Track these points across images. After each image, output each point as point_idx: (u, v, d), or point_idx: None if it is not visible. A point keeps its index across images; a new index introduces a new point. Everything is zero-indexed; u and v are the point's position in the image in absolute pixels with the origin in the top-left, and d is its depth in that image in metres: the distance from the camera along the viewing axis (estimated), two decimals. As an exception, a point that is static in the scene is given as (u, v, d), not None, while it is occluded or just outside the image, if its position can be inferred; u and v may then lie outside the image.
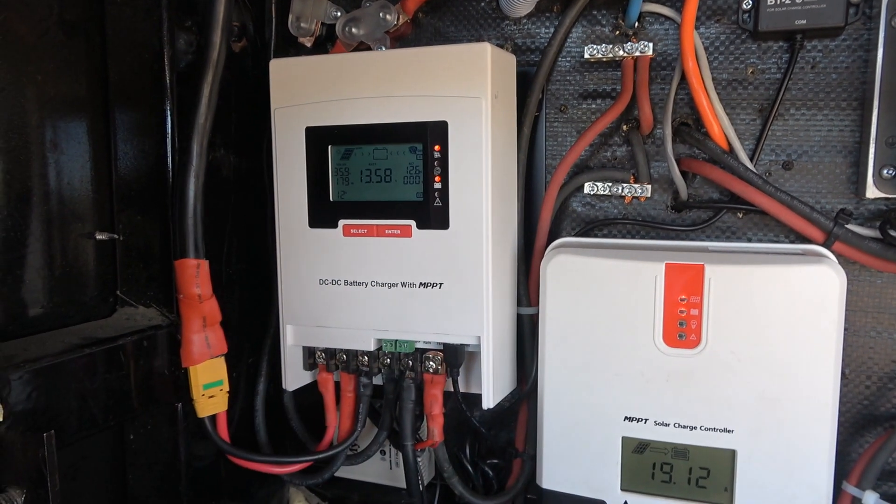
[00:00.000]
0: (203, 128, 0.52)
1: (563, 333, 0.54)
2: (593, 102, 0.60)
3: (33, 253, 0.50)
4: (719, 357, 0.50)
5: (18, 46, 0.49)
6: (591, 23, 0.59)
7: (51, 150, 0.51)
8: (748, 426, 0.50)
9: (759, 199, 0.53)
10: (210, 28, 0.52)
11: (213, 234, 0.56)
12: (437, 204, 0.53)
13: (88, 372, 0.48)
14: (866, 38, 0.53)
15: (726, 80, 0.56)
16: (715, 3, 0.56)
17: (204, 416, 0.54)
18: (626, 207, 0.60)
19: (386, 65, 0.53)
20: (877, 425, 0.56)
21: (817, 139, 0.55)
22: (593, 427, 0.54)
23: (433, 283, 0.53)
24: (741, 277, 0.49)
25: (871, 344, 0.55)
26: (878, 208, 0.54)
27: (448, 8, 0.63)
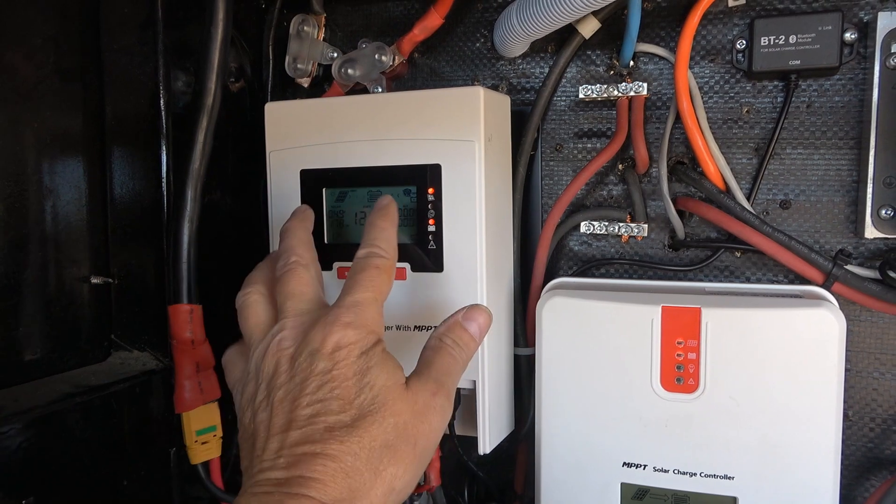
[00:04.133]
0: (197, 173, 0.52)
1: (560, 376, 0.53)
2: (588, 142, 0.60)
3: (28, 299, 0.50)
4: (718, 402, 0.49)
5: (15, 92, 0.49)
6: (586, 63, 0.59)
7: (46, 195, 0.52)
8: (749, 472, 0.49)
9: (757, 240, 0.52)
10: (205, 73, 0.52)
11: (209, 277, 0.56)
12: (431, 247, 0.52)
13: (81, 421, 0.48)
14: (861, 77, 0.53)
15: (721, 119, 0.56)
16: (709, 44, 0.56)
17: (197, 463, 0.53)
18: (623, 246, 0.60)
19: (379, 108, 0.53)
20: (882, 469, 0.55)
21: (814, 178, 0.55)
22: (592, 472, 0.53)
23: (428, 327, 0.53)
24: (738, 321, 0.49)
25: (874, 385, 0.54)
26: (877, 248, 0.53)
27: (443, 48, 0.64)
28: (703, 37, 0.56)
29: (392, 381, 0.38)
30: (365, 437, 0.36)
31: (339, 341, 0.38)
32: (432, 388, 0.40)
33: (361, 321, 0.39)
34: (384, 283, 0.42)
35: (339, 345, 0.38)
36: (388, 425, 0.37)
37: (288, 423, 0.37)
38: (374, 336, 0.40)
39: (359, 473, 0.35)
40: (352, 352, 0.38)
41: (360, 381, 0.38)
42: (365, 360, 0.38)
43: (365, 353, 0.39)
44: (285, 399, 0.38)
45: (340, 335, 0.38)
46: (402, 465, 0.37)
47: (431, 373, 0.41)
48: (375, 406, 0.37)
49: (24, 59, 0.50)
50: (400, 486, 0.37)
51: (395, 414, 0.37)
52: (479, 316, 0.44)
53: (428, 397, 0.39)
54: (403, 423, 0.37)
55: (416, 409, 0.38)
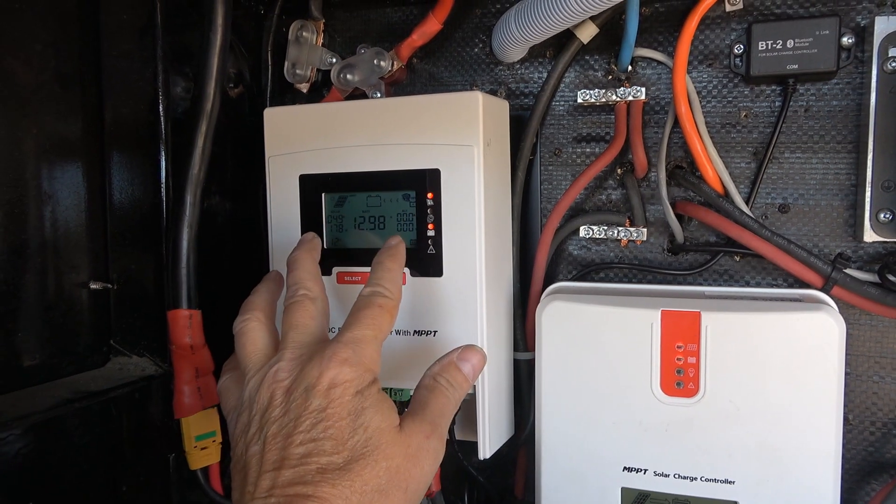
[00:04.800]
0: (197, 178, 0.52)
1: (560, 381, 0.53)
2: (587, 146, 0.60)
3: (27, 304, 0.50)
4: (718, 406, 0.49)
5: (15, 98, 0.49)
6: (584, 67, 0.60)
7: (45, 200, 0.52)
8: (750, 476, 0.49)
9: (756, 244, 0.52)
10: (204, 79, 0.52)
11: (208, 282, 0.56)
12: (430, 251, 0.52)
13: (80, 426, 0.48)
14: (859, 81, 0.53)
15: (720, 123, 0.56)
16: (707, 48, 0.56)
17: (196, 469, 0.53)
18: (623, 251, 0.60)
19: (378, 113, 0.53)
20: (882, 472, 0.55)
21: (813, 182, 0.55)
22: (592, 477, 0.53)
23: (427, 331, 0.53)
24: (738, 325, 0.49)
25: (874, 389, 0.54)
26: (876, 251, 0.53)
27: (442, 54, 0.64)
28: (700, 41, 0.56)
29: (386, 423, 0.38)
30: (357, 481, 0.36)
31: (334, 378, 0.38)
32: (426, 431, 0.40)
33: (358, 359, 0.39)
34: (385, 322, 0.42)
35: (335, 382, 0.38)
36: (380, 469, 0.37)
37: (280, 460, 0.36)
38: (370, 375, 0.40)
39: None
40: (347, 390, 0.38)
41: (354, 422, 0.37)
42: (360, 399, 0.38)
43: (360, 392, 0.39)
44: (279, 434, 0.37)
45: (336, 372, 0.38)
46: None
47: (426, 414, 0.41)
48: (368, 449, 0.37)
49: (23, 65, 0.50)
50: None
51: (388, 458, 0.37)
52: (474, 356, 0.44)
53: (422, 440, 0.39)
54: (396, 467, 0.37)
55: (409, 452, 0.38)
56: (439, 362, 0.44)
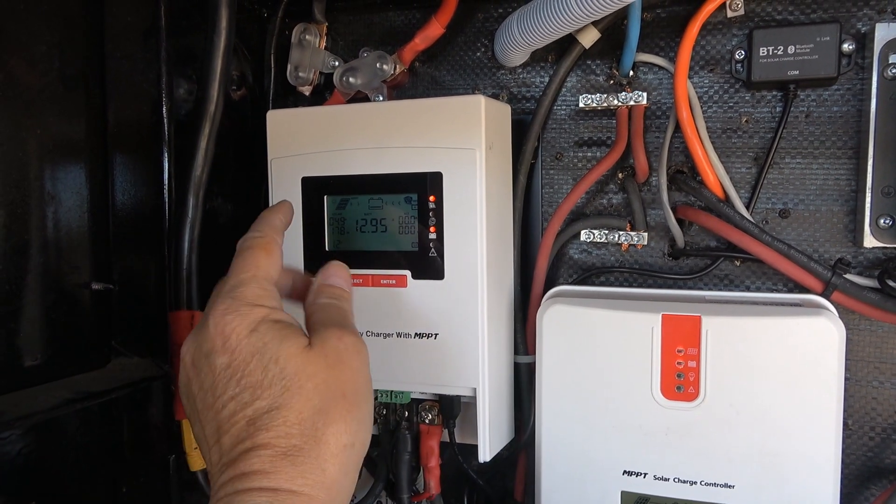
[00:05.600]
0: (199, 180, 0.53)
1: (560, 385, 0.53)
2: (589, 150, 0.60)
3: (29, 304, 0.50)
4: (718, 410, 0.49)
5: (19, 99, 0.49)
6: (586, 72, 0.60)
7: (48, 201, 0.52)
8: (749, 481, 0.49)
9: (756, 249, 0.52)
10: (208, 81, 0.53)
11: (210, 284, 0.56)
12: (432, 254, 0.52)
13: (81, 427, 0.48)
14: (860, 87, 0.53)
15: (721, 128, 0.57)
16: (708, 54, 0.56)
17: (196, 470, 0.53)
18: (623, 255, 0.60)
19: (381, 116, 0.53)
20: (882, 477, 0.55)
21: (813, 188, 0.55)
22: (592, 480, 0.53)
23: (428, 334, 0.53)
24: (738, 329, 0.49)
25: (873, 394, 0.54)
26: (876, 257, 0.54)
27: (444, 57, 0.64)
28: (702, 47, 0.56)
29: (293, 346, 0.37)
30: (290, 414, 0.35)
31: (223, 331, 0.37)
32: (336, 334, 0.38)
33: (238, 303, 0.38)
34: (261, 259, 0.40)
35: (226, 334, 0.37)
36: (307, 391, 0.36)
37: (216, 430, 0.36)
38: (259, 311, 0.38)
39: (297, 450, 0.34)
40: (240, 335, 0.37)
41: (261, 361, 0.36)
42: (257, 337, 0.37)
43: (254, 330, 0.37)
44: (204, 408, 0.37)
45: (222, 325, 0.37)
46: (341, 421, 0.36)
47: (326, 324, 0.39)
48: (287, 379, 0.36)
49: (27, 66, 0.50)
50: (349, 440, 0.36)
51: (310, 376, 0.36)
52: (336, 269, 0.44)
53: (335, 344, 0.38)
54: (323, 381, 0.36)
55: (329, 361, 0.37)
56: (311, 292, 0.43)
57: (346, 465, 0.36)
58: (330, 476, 0.35)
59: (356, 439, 0.37)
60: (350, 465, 0.36)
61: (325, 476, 0.35)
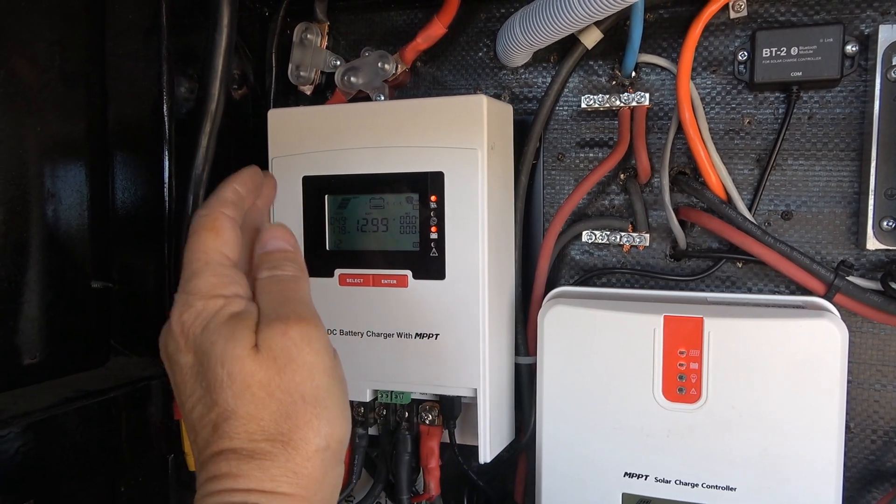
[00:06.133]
0: (200, 178, 0.52)
1: (561, 386, 0.53)
2: (591, 151, 0.60)
3: (28, 303, 0.50)
4: (720, 412, 0.49)
5: (19, 97, 0.49)
6: (588, 73, 0.60)
7: (48, 199, 0.51)
8: (751, 483, 0.49)
9: (758, 250, 0.52)
10: (209, 80, 0.52)
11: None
12: (433, 254, 0.52)
13: (80, 426, 0.48)
14: (863, 89, 0.53)
15: (723, 130, 0.56)
16: (711, 55, 0.56)
17: (195, 470, 0.53)
18: (625, 256, 0.60)
19: (383, 116, 0.53)
20: (884, 481, 0.55)
21: (816, 189, 0.55)
22: (593, 482, 0.53)
23: (429, 334, 0.53)
24: (740, 331, 0.49)
25: (875, 397, 0.54)
26: (878, 259, 0.53)
27: (446, 57, 0.64)
28: (704, 48, 0.56)
29: (239, 348, 0.34)
30: (249, 423, 0.33)
31: (182, 330, 0.36)
32: (279, 329, 0.35)
33: (192, 298, 0.36)
34: (208, 241, 0.37)
35: (184, 333, 0.35)
36: (261, 398, 0.34)
37: (192, 428, 0.35)
38: (212, 303, 0.36)
39: (265, 454, 0.33)
40: (195, 334, 0.35)
41: (212, 362, 0.34)
42: (208, 335, 0.35)
43: (205, 327, 0.35)
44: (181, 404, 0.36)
45: (179, 324, 0.36)
46: (307, 426, 0.34)
47: (269, 315, 0.36)
48: (235, 385, 0.34)
49: (28, 64, 0.50)
50: (321, 443, 0.34)
51: (262, 384, 0.34)
52: (273, 231, 0.40)
53: (280, 341, 0.35)
54: (277, 388, 0.34)
55: (279, 364, 0.34)
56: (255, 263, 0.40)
57: (324, 465, 0.34)
58: (305, 477, 0.34)
59: (329, 440, 0.35)
60: (329, 464, 0.35)
61: (298, 478, 0.34)
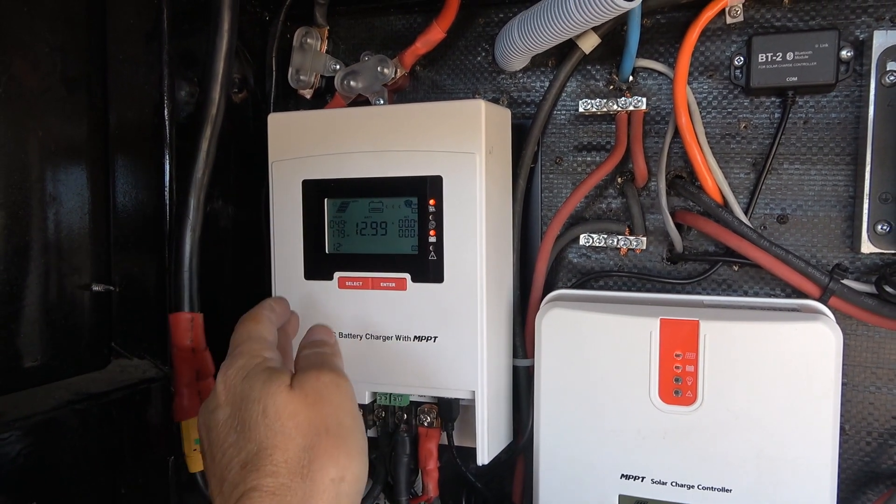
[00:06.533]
0: (200, 182, 0.53)
1: (559, 388, 0.53)
2: (588, 155, 0.61)
3: (29, 306, 0.50)
4: (716, 414, 0.50)
5: (21, 100, 0.49)
6: (586, 77, 0.60)
7: (49, 202, 0.52)
8: (747, 485, 0.50)
9: (754, 254, 0.53)
10: (209, 84, 0.53)
11: (210, 285, 0.56)
12: (431, 257, 0.53)
13: (81, 428, 0.48)
14: (857, 94, 0.53)
15: (719, 134, 0.57)
16: (707, 60, 0.57)
17: (195, 471, 0.53)
18: (622, 259, 0.60)
19: (382, 120, 0.54)
20: (878, 482, 0.55)
21: (811, 193, 0.55)
22: (590, 484, 0.53)
23: (427, 337, 0.53)
24: (736, 334, 0.49)
25: (870, 399, 0.55)
26: (873, 263, 0.54)
27: (445, 62, 0.64)
28: (701, 53, 0.57)
29: (275, 387, 0.38)
30: (276, 454, 0.36)
31: (223, 385, 0.39)
32: (314, 374, 0.40)
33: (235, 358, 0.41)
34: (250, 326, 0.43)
35: (226, 387, 0.39)
36: (289, 430, 0.37)
37: (220, 481, 0.37)
38: (253, 360, 0.40)
39: (287, 489, 0.35)
40: (235, 385, 0.39)
41: (247, 401, 0.38)
42: (247, 382, 0.39)
43: (245, 377, 0.39)
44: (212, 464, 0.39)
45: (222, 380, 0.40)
46: (326, 456, 0.37)
47: (306, 368, 0.41)
48: (269, 418, 0.37)
49: (30, 68, 0.50)
50: (337, 474, 0.37)
51: (291, 416, 0.37)
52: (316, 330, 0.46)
53: (313, 382, 0.39)
54: (305, 420, 0.37)
55: (308, 400, 0.38)
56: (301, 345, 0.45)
57: (338, 499, 0.36)
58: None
59: (346, 473, 0.37)
60: (342, 499, 0.37)
61: None
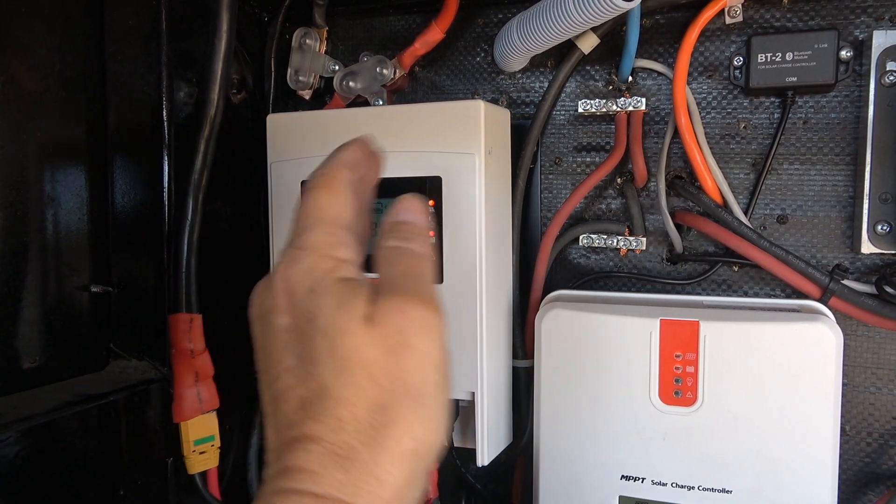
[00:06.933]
0: (199, 183, 0.53)
1: (558, 389, 0.53)
2: (588, 155, 0.60)
3: (28, 307, 0.50)
4: (716, 415, 0.50)
5: (19, 101, 0.49)
6: (585, 77, 0.60)
7: (48, 203, 0.52)
8: (747, 486, 0.49)
9: (754, 254, 0.53)
10: (208, 85, 0.53)
11: (209, 286, 0.56)
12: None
13: (79, 430, 0.48)
14: (857, 94, 0.53)
15: (719, 134, 0.57)
16: (706, 60, 0.57)
17: (195, 473, 0.53)
18: (622, 260, 0.60)
19: (381, 121, 0.54)
20: (879, 483, 0.55)
21: (811, 194, 0.55)
22: (590, 485, 0.53)
23: (427, 338, 0.53)
24: (736, 335, 0.49)
25: (871, 400, 0.55)
26: (873, 263, 0.54)
27: (444, 62, 0.64)
28: (700, 53, 0.57)
29: (349, 319, 0.30)
30: (341, 408, 0.29)
31: (284, 288, 0.32)
32: (399, 305, 0.31)
33: (302, 253, 0.33)
34: (322, 198, 0.35)
35: (287, 291, 0.32)
36: (361, 382, 0.30)
37: (273, 400, 0.31)
38: (324, 263, 0.32)
39: (350, 450, 0.29)
40: (300, 294, 0.31)
41: (312, 327, 0.31)
42: (314, 299, 0.31)
43: (313, 289, 0.31)
44: (263, 370, 0.32)
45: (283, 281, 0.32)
46: (403, 422, 0.30)
47: (391, 288, 0.32)
48: (338, 360, 0.30)
49: (27, 69, 0.50)
50: (413, 445, 0.30)
51: (365, 364, 0.30)
52: (408, 202, 0.38)
53: (398, 321, 0.31)
54: (381, 371, 0.30)
55: (389, 343, 0.30)
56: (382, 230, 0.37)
57: (410, 474, 0.30)
58: (388, 486, 0.29)
59: (422, 444, 0.30)
60: (414, 474, 0.30)
61: (381, 487, 0.29)
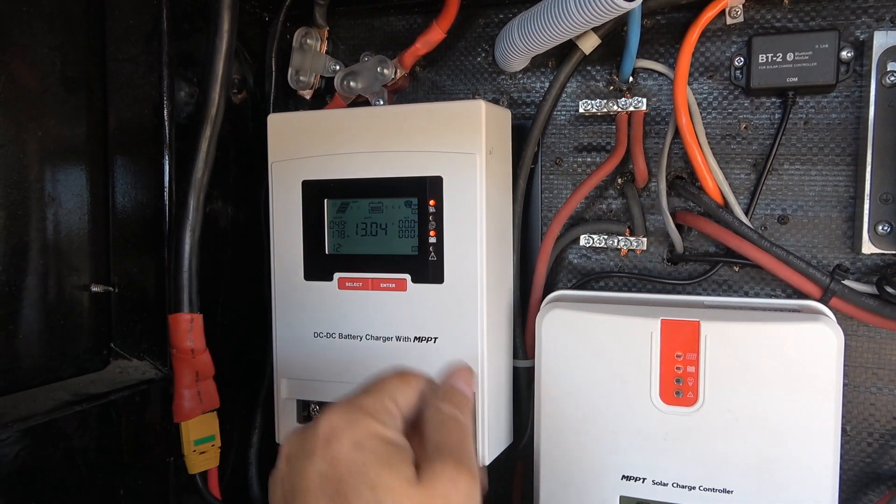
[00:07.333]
0: (200, 182, 0.53)
1: (559, 389, 0.53)
2: (588, 156, 0.60)
3: (28, 306, 0.50)
4: (717, 415, 0.50)
5: (20, 101, 0.49)
6: (586, 78, 0.60)
7: (48, 203, 0.52)
8: (748, 486, 0.49)
9: (755, 254, 0.53)
10: (209, 84, 0.53)
11: (209, 286, 0.56)
12: (432, 258, 0.53)
13: (80, 429, 0.48)
14: (858, 95, 0.53)
15: (720, 135, 0.57)
16: (707, 60, 0.57)
17: (195, 473, 0.53)
18: (622, 260, 0.60)
19: (382, 121, 0.54)
20: (880, 483, 0.55)
21: (812, 194, 0.55)
22: (590, 485, 0.53)
23: (428, 338, 0.53)
24: (737, 335, 0.49)
25: (871, 400, 0.55)
26: (874, 263, 0.54)
27: (445, 62, 0.64)
28: (701, 53, 0.57)
29: (396, 478, 0.31)
30: None
31: (328, 436, 0.33)
32: (450, 473, 0.32)
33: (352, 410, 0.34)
34: (392, 380, 0.37)
35: (330, 440, 0.33)
36: None
37: None
38: (370, 424, 0.34)
39: None
40: (344, 446, 0.32)
41: (358, 482, 0.31)
42: (360, 454, 0.32)
43: (359, 445, 0.32)
44: None
45: (328, 430, 0.33)
46: None
47: (442, 452, 0.34)
48: None
49: (29, 68, 0.50)
50: None
51: None
52: (462, 372, 0.41)
53: (447, 486, 0.32)
54: None
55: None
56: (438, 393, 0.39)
57: None
58: None
59: None
60: None
61: None
